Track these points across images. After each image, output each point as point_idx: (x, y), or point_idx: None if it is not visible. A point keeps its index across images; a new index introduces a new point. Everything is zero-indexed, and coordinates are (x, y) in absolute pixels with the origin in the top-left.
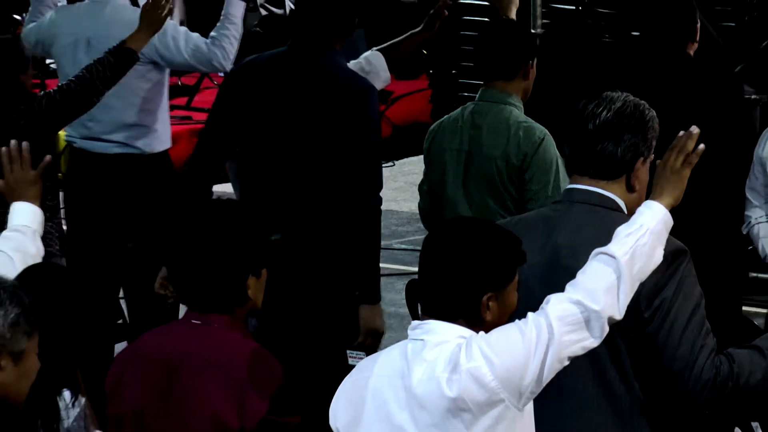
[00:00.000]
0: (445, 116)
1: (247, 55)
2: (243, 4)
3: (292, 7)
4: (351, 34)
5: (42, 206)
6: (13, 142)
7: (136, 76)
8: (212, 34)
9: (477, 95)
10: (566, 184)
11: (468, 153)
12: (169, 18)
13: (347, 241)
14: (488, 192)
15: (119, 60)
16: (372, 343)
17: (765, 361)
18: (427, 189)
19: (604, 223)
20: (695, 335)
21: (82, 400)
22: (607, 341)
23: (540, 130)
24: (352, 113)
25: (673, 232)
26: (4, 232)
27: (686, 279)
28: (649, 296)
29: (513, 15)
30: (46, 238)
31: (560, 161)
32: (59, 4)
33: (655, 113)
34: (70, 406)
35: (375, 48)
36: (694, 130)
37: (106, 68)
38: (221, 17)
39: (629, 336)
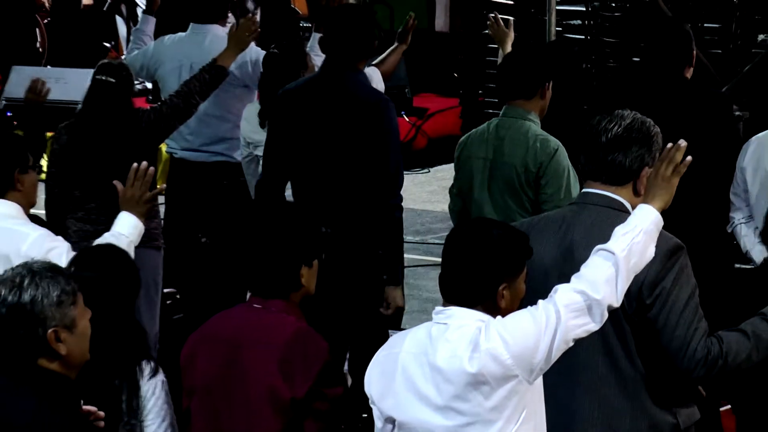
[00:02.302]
0: (473, 130)
1: None
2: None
3: None
4: (370, 56)
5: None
6: (144, 163)
7: (230, 97)
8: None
9: (501, 112)
10: (576, 189)
11: (492, 161)
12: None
13: (375, 234)
14: (509, 194)
15: (212, 76)
16: (396, 316)
17: (749, 343)
18: (457, 192)
19: (613, 222)
20: (690, 320)
21: (161, 372)
22: (614, 324)
23: (554, 142)
24: (371, 123)
25: (671, 230)
26: (105, 234)
27: (683, 271)
28: (650, 286)
29: (509, 48)
30: (152, 234)
31: (571, 169)
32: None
33: (659, 129)
34: (148, 377)
35: (371, 64)
36: (682, 143)
37: (201, 83)
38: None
39: (633, 320)
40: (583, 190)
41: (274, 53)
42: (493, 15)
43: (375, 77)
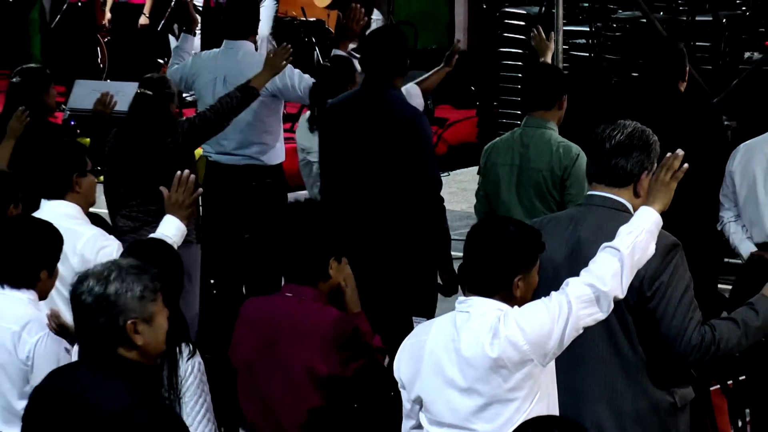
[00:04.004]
0: (497, 139)
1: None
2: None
3: None
4: (405, 73)
5: None
6: (186, 171)
7: (261, 106)
8: (305, 75)
9: (522, 121)
10: None
11: (519, 167)
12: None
13: (423, 231)
14: (536, 196)
15: (244, 95)
16: (452, 287)
17: (739, 330)
18: (483, 195)
19: (616, 221)
20: (685, 310)
21: (197, 355)
22: (618, 315)
23: (576, 147)
24: (407, 135)
25: (668, 229)
26: (151, 234)
27: (679, 267)
28: (650, 280)
29: (549, 58)
30: (189, 229)
31: None
32: (194, 51)
33: (656, 137)
34: (187, 358)
35: (413, 82)
36: (680, 152)
37: (233, 101)
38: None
39: (635, 310)
40: (589, 192)
41: (325, 65)
42: (536, 29)
43: (414, 93)
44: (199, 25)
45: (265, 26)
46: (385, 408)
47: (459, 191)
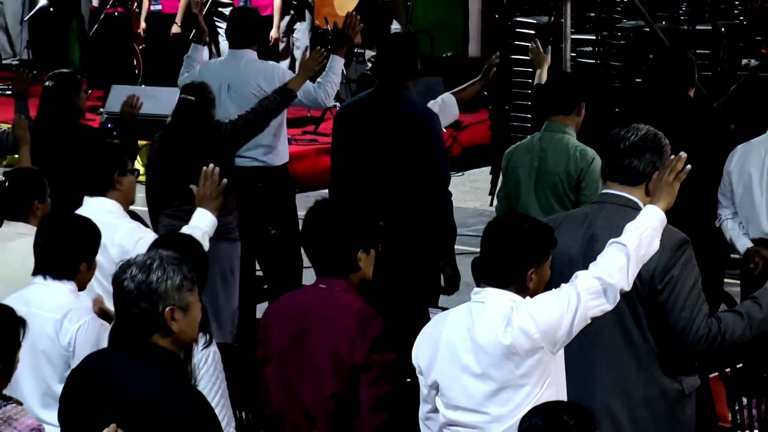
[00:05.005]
0: (518, 143)
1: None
2: (342, 61)
3: None
4: (416, 76)
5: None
6: (211, 165)
7: None
8: (318, 80)
9: (543, 127)
10: None
11: (538, 169)
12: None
13: (431, 226)
14: (553, 197)
15: (283, 97)
16: (454, 284)
17: (743, 322)
18: (504, 195)
19: (628, 218)
20: (694, 303)
21: (214, 344)
22: (629, 306)
23: (592, 151)
24: (420, 134)
25: (678, 227)
26: (184, 227)
27: (689, 262)
28: (661, 274)
29: (545, 70)
30: (228, 228)
31: None
32: (205, 59)
33: (668, 140)
34: (202, 347)
35: (449, 92)
36: (683, 155)
37: (272, 102)
38: (326, 69)
39: (646, 303)
40: (603, 190)
41: (367, 74)
42: (534, 42)
43: (450, 103)
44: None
45: (304, 37)
46: (402, 394)
47: (472, 190)
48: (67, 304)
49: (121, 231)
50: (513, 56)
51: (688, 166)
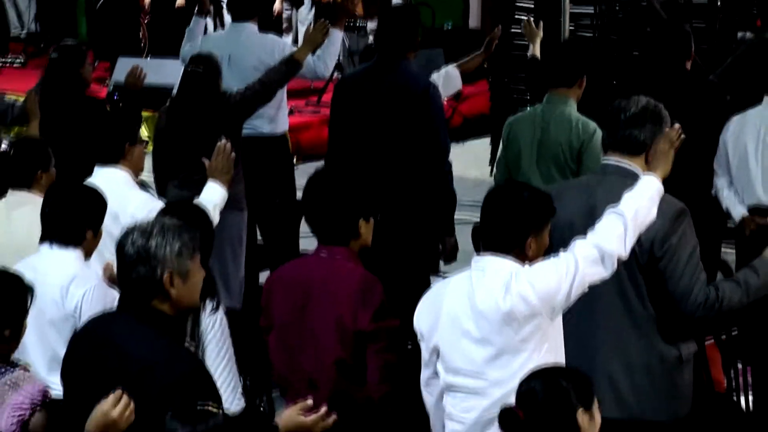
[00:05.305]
0: (520, 113)
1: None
2: (341, 33)
3: None
4: (416, 48)
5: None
6: (224, 140)
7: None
8: (318, 52)
9: (545, 98)
10: None
11: (540, 140)
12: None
13: (431, 196)
14: (555, 168)
15: (288, 67)
16: (452, 254)
17: (740, 289)
18: (504, 164)
19: (628, 187)
20: (692, 271)
21: (221, 310)
22: (629, 274)
23: (593, 124)
24: (421, 105)
25: (676, 196)
26: (196, 199)
27: (687, 230)
28: (660, 242)
29: (538, 44)
30: (237, 198)
31: None
32: (208, 31)
33: (667, 112)
34: (210, 312)
35: (452, 64)
36: (677, 125)
37: (278, 74)
38: (326, 42)
39: (645, 270)
40: (604, 160)
41: (370, 46)
42: (526, 17)
43: (453, 75)
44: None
45: (305, 10)
46: (404, 359)
47: (472, 160)
48: (73, 270)
49: (134, 202)
50: (513, 28)
51: (682, 135)
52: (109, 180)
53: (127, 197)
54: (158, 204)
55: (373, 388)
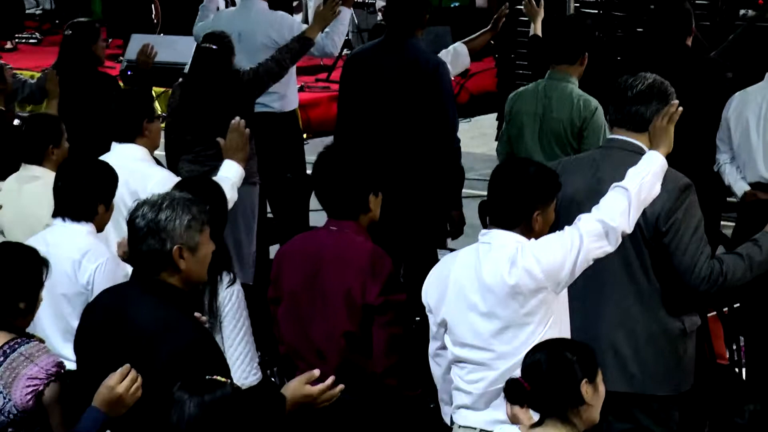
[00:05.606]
0: (522, 88)
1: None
2: (350, 11)
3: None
4: (425, 25)
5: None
6: (238, 118)
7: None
8: (326, 30)
9: (547, 74)
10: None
11: (542, 116)
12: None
13: (439, 171)
14: (556, 143)
15: (300, 45)
16: (459, 228)
17: (744, 264)
18: (506, 139)
19: (634, 163)
20: (697, 245)
21: (238, 283)
22: (635, 248)
23: (594, 101)
24: (430, 82)
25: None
26: (214, 177)
27: (692, 205)
28: (665, 217)
29: (539, 23)
30: (249, 172)
31: (606, 124)
32: (220, 8)
33: (673, 89)
34: (226, 285)
35: (460, 41)
36: (675, 101)
37: (290, 51)
38: (334, 20)
39: (651, 244)
40: (610, 136)
41: (380, 24)
42: None
43: (462, 52)
44: None
45: None
46: (411, 333)
47: (479, 136)
48: (85, 244)
49: (154, 179)
50: (519, 5)
51: (680, 109)
52: (128, 157)
53: (147, 174)
54: (177, 181)
55: (378, 360)
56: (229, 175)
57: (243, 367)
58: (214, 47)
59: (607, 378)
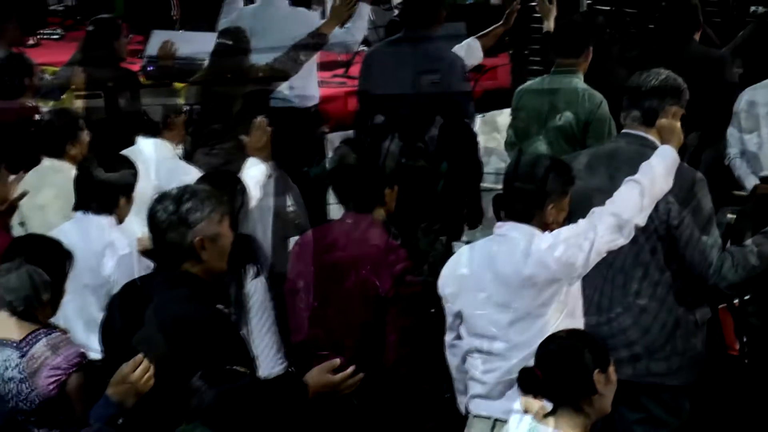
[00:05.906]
0: (528, 82)
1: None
2: (369, 7)
3: None
4: (442, 22)
5: None
6: (260, 117)
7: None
8: (347, 25)
9: (552, 68)
10: (614, 132)
11: (548, 110)
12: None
13: (456, 164)
14: (562, 137)
15: (315, 41)
16: (476, 221)
17: (754, 256)
18: (513, 132)
19: (646, 157)
20: (708, 238)
21: (262, 275)
22: (648, 240)
23: (599, 95)
24: (447, 77)
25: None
26: (239, 175)
27: (704, 198)
28: (677, 210)
29: (552, 20)
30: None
31: (611, 117)
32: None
33: (686, 85)
34: (252, 277)
35: (474, 36)
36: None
37: (306, 47)
38: (354, 16)
39: (663, 238)
40: (624, 130)
41: (395, 20)
42: None
43: (475, 46)
44: None
45: None
46: (426, 324)
47: (493, 130)
48: (107, 237)
49: (191, 175)
50: (532, 2)
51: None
52: (155, 151)
53: (183, 170)
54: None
55: (391, 351)
56: (254, 173)
57: (270, 358)
58: (229, 42)
59: (618, 368)
